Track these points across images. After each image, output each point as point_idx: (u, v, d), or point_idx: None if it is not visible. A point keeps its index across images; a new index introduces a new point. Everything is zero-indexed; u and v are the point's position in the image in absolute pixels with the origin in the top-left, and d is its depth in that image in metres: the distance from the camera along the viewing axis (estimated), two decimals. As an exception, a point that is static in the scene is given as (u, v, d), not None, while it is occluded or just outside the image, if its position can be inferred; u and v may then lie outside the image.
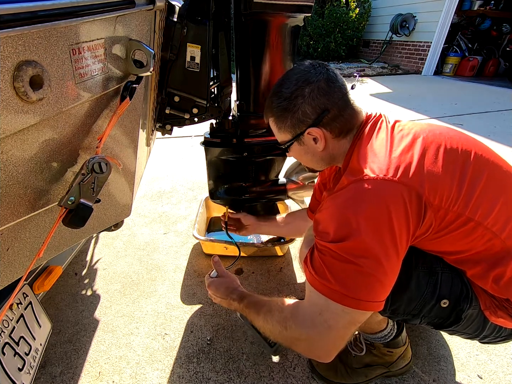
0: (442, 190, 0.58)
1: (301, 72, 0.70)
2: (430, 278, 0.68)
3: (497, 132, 2.97)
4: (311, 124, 0.69)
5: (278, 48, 0.98)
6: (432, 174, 0.58)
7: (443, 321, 0.71)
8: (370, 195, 0.56)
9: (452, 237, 0.62)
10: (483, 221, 0.60)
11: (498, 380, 0.91)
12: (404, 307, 0.69)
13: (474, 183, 0.60)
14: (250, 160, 1.15)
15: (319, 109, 0.68)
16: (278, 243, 1.37)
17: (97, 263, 1.39)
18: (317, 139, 0.71)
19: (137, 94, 0.62)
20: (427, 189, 0.56)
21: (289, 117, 0.71)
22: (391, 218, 0.54)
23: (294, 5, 0.89)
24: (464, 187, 0.59)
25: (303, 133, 0.71)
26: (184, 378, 0.92)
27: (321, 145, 0.72)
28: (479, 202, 0.60)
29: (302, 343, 0.63)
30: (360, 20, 6.97)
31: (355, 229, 0.54)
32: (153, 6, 0.59)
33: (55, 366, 0.96)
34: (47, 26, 0.39)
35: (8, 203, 0.47)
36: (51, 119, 0.46)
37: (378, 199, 0.55)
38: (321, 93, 0.67)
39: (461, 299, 0.67)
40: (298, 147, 0.76)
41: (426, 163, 0.59)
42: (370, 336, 0.88)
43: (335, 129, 0.70)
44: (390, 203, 0.55)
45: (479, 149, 0.65)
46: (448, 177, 0.59)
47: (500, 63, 6.38)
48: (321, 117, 0.68)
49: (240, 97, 1.08)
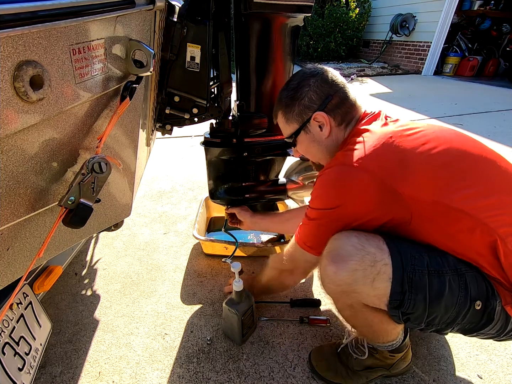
0: (420, 180, 0.65)
1: (305, 70, 0.81)
2: (460, 280, 0.65)
3: (497, 132, 2.97)
4: (317, 109, 0.77)
5: (278, 48, 0.98)
6: (406, 165, 0.66)
7: (475, 325, 0.68)
8: (340, 179, 0.70)
9: (437, 225, 0.66)
10: (466, 209, 0.63)
11: (498, 380, 0.91)
12: (441, 316, 0.66)
13: (464, 177, 0.65)
14: (250, 160, 1.15)
15: (324, 95, 0.77)
16: (278, 243, 1.37)
17: (97, 263, 1.39)
18: (322, 125, 0.79)
19: (137, 94, 0.62)
20: (397, 179, 0.65)
21: (296, 105, 0.79)
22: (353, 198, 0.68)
23: (294, 5, 0.90)
24: (441, 178, 0.65)
25: (309, 119, 0.79)
26: (184, 378, 0.92)
27: (326, 131, 0.79)
28: (468, 194, 0.64)
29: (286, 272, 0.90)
30: (360, 20, 6.97)
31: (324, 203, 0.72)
32: (153, 6, 0.59)
33: (55, 366, 0.96)
34: (47, 26, 0.39)
35: (8, 203, 0.47)
36: (51, 119, 0.46)
37: (344, 182, 0.69)
38: (324, 82, 0.77)
39: (490, 297, 0.65)
40: (305, 136, 0.82)
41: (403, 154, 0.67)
42: (379, 345, 0.85)
43: (338, 116, 0.78)
44: (351, 186, 0.68)
45: (476, 149, 0.68)
46: (425, 168, 0.66)
47: (500, 63, 6.37)
48: (325, 102, 0.77)
49: (240, 97, 1.08)
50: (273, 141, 1.14)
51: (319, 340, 1.03)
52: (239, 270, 0.95)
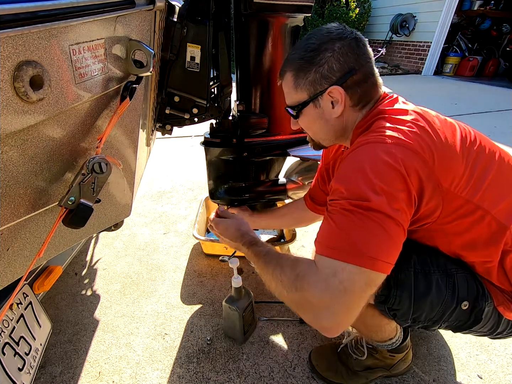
0: (454, 172, 0.57)
1: (332, 27, 0.66)
2: (448, 281, 0.66)
3: (497, 132, 2.97)
4: (335, 82, 0.64)
5: (278, 48, 0.98)
6: (446, 153, 0.57)
7: (462, 323, 0.69)
8: (385, 155, 0.54)
9: (459, 225, 0.62)
10: (491, 210, 0.61)
11: (498, 380, 0.91)
12: (426, 314, 0.67)
13: (485, 173, 0.61)
14: (250, 160, 1.15)
15: (347, 68, 0.63)
16: (278, 243, 1.37)
17: (97, 263, 1.39)
18: (336, 101, 0.66)
19: (137, 94, 0.62)
20: (438, 167, 0.55)
21: (312, 71, 0.65)
22: (406, 180, 0.53)
23: (294, 5, 0.90)
24: (474, 174, 0.59)
25: (323, 92, 0.65)
26: (184, 378, 0.92)
27: (338, 110, 0.66)
28: (488, 193, 0.60)
29: (312, 307, 0.56)
30: (360, 20, 6.97)
31: (368, 188, 0.53)
32: (153, 6, 0.59)
33: (55, 366, 0.96)
34: (47, 26, 0.39)
35: (8, 203, 0.47)
36: (51, 119, 0.46)
37: (393, 160, 0.54)
38: (351, 52, 0.63)
39: (479, 298, 0.66)
40: (312, 110, 0.69)
41: (442, 141, 0.58)
42: (378, 344, 0.85)
43: (355, 95, 0.66)
44: (403, 166, 0.53)
45: (489, 144, 0.66)
46: (462, 161, 0.58)
47: (500, 63, 6.37)
48: (346, 76, 0.64)
49: (240, 97, 1.08)
50: (273, 141, 1.13)
51: (319, 340, 1.03)
52: (237, 266, 0.95)
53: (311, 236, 1.56)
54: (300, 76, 0.66)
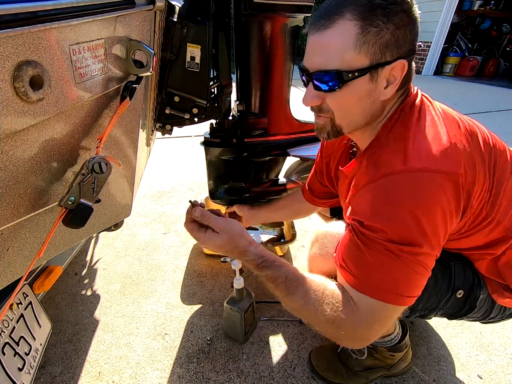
0: (480, 187, 0.55)
1: None
2: (445, 272, 0.68)
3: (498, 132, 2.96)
4: (405, 56, 0.50)
5: (278, 48, 0.98)
6: (480, 172, 0.54)
7: (457, 310, 0.72)
8: (424, 189, 0.49)
9: (472, 234, 0.63)
10: (502, 219, 0.61)
11: (498, 380, 0.91)
12: (423, 303, 0.69)
13: (500, 185, 0.60)
14: (250, 160, 1.15)
15: (415, 42, 0.51)
16: (278, 243, 1.37)
17: (97, 263, 1.39)
18: (392, 80, 0.53)
19: (137, 94, 0.62)
20: (472, 182, 0.52)
21: (389, 31, 0.48)
22: (445, 218, 0.51)
23: (294, 5, 0.90)
24: (493, 188, 0.58)
25: (389, 63, 0.50)
26: (184, 378, 0.92)
27: (389, 92, 0.54)
28: (501, 204, 0.61)
29: (346, 336, 0.57)
30: (360, 20, 6.97)
31: (419, 235, 0.50)
32: (153, 6, 0.59)
33: (55, 366, 0.96)
34: (47, 26, 0.39)
35: (8, 203, 0.47)
36: (51, 119, 0.46)
37: (432, 194, 0.49)
38: (417, 24, 0.51)
39: (474, 287, 0.68)
40: (365, 84, 0.52)
41: (473, 154, 0.54)
42: (376, 341, 0.84)
43: (404, 78, 0.54)
44: (443, 200, 0.50)
45: (502, 146, 0.67)
46: (483, 174, 0.55)
47: (500, 63, 6.38)
48: (412, 52, 0.51)
49: (240, 97, 1.08)
50: (273, 141, 1.13)
51: (319, 340, 1.03)
52: (239, 268, 0.95)
53: (311, 236, 1.56)
54: (370, 31, 0.48)
